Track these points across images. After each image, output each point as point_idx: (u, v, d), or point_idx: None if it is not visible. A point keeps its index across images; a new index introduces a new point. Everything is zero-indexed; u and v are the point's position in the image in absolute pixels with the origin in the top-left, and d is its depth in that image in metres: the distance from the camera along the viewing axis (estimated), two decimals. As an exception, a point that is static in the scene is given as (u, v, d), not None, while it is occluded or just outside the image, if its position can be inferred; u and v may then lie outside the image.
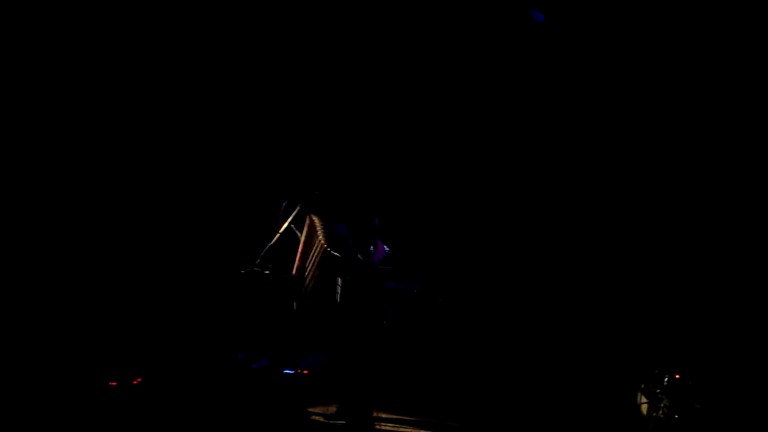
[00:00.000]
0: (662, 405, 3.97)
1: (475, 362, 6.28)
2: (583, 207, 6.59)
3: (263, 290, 4.80)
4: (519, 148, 7.04)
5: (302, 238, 5.01)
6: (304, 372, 6.10)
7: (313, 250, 4.86)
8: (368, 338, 5.09)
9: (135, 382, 3.22)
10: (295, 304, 5.27)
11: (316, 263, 4.78)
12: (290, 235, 5.26)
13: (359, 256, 4.64)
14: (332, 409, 5.29)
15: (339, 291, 4.75)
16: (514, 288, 6.80)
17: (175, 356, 4.70)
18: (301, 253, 4.98)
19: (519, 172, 7.02)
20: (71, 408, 3.77)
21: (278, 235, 4.93)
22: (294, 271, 4.97)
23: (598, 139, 6.48)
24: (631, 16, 5.83)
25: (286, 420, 5.05)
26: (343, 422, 5.01)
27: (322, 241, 4.69)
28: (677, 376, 4.21)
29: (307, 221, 4.97)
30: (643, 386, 4.33)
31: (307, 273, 4.86)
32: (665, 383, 4.13)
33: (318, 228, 4.87)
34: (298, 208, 4.93)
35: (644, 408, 4.18)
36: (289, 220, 4.92)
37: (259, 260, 4.72)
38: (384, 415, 5.21)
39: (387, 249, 4.81)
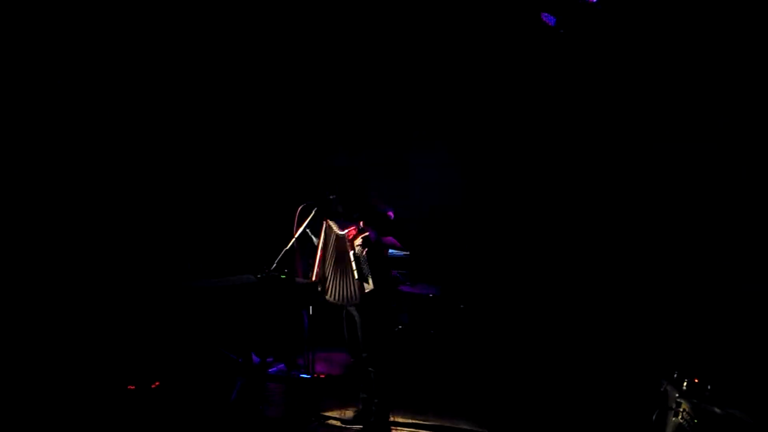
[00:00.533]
0: (681, 410, 3.94)
1: (492, 367, 6.26)
2: (604, 209, 6.55)
3: (279, 295, 4.81)
4: (534, 151, 7.02)
5: (320, 244, 5.01)
6: (321, 376, 6.12)
7: (330, 251, 4.87)
8: (385, 342, 5.09)
9: (153, 386, 3.23)
10: (311, 308, 5.29)
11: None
12: (305, 240, 5.28)
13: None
14: (348, 413, 5.29)
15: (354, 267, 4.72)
16: (531, 292, 6.78)
17: (192, 360, 4.72)
18: (320, 259, 4.98)
19: (536, 173, 7.00)
20: (89, 411, 3.80)
21: (294, 239, 4.94)
22: (314, 277, 4.97)
23: (618, 141, 6.44)
24: (640, 19, 5.80)
25: (303, 424, 5.05)
26: (360, 426, 5.01)
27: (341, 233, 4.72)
28: (696, 381, 4.17)
29: (324, 226, 4.98)
30: (661, 390, 4.29)
31: (327, 278, 4.87)
32: (684, 387, 4.09)
33: (334, 229, 4.88)
34: (313, 212, 4.93)
35: (666, 413, 4.15)
36: (305, 224, 4.92)
37: (275, 265, 4.73)
38: (401, 420, 5.21)
39: (405, 252, 4.80)
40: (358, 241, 4.69)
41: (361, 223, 4.74)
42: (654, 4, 5.67)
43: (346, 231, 4.78)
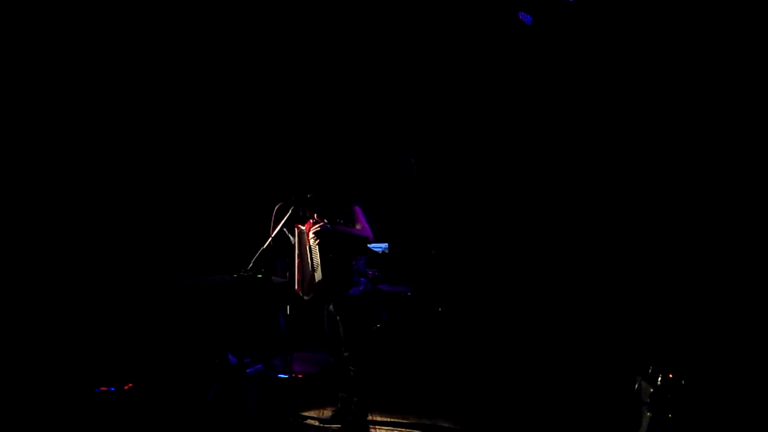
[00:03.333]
0: (655, 404, 3.97)
1: (470, 364, 6.28)
2: (578, 207, 6.61)
3: (256, 294, 4.78)
4: (508, 150, 7.06)
5: (296, 251, 4.98)
6: (299, 376, 6.10)
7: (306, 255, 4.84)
8: (364, 341, 5.09)
9: (126, 388, 3.18)
10: (288, 308, 5.26)
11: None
12: (283, 239, 5.25)
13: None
14: (327, 412, 5.27)
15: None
16: (507, 289, 6.81)
17: (168, 361, 4.67)
18: (299, 267, 4.95)
19: (510, 173, 7.05)
20: (62, 414, 3.74)
21: (270, 239, 4.91)
22: (297, 287, 4.94)
23: (593, 140, 6.50)
24: (618, 18, 5.86)
25: (280, 424, 5.03)
26: (338, 426, 4.99)
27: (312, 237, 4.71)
28: (671, 376, 4.22)
29: (296, 231, 4.95)
30: (636, 386, 4.33)
31: (306, 285, 4.84)
32: (659, 382, 4.13)
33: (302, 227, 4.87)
34: (290, 211, 4.91)
35: (641, 408, 4.19)
36: (281, 223, 4.89)
37: (251, 265, 4.69)
38: (379, 419, 5.20)
39: (383, 245, 4.76)
40: (311, 234, 4.70)
41: (315, 215, 4.71)
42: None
43: (305, 225, 4.78)
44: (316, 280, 4.77)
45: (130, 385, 3.24)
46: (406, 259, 6.82)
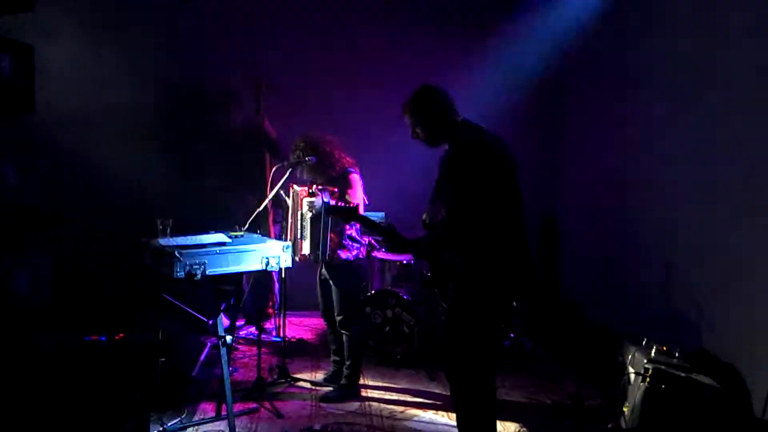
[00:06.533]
0: (649, 375, 3.99)
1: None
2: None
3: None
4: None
5: (290, 209, 4.94)
6: (292, 339, 6.10)
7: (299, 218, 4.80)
8: (356, 305, 5.08)
9: (117, 338, 3.15)
10: (283, 271, 5.23)
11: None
12: (279, 202, 5.21)
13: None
14: (319, 375, 5.29)
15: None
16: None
17: (161, 318, 4.64)
18: (291, 227, 4.91)
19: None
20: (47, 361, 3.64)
21: (267, 200, 4.87)
22: (289, 239, 4.90)
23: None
24: None
25: (273, 386, 5.04)
26: (330, 387, 5.01)
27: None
28: (664, 348, 4.24)
29: (291, 192, 4.90)
30: (630, 357, 4.35)
31: (295, 247, 4.79)
32: (653, 354, 4.15)
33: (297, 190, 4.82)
34: (287, 173, 4.85)
35: (632, 378, 4.20)
36: (278, 185, 4.85)
37: (247, 226, 4.65)
38: (371, 383, 5.22)
39: (380, 213, 4.70)
40: (305, 204, 4.64)
41: (316, 187, 4.62)
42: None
43: (301, 189, 4.73)
44: (303, 251, 4.74)
45: (122, 335, 3.22)
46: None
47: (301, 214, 4.73)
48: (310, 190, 4.61)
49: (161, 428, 4.01)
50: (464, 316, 3.46)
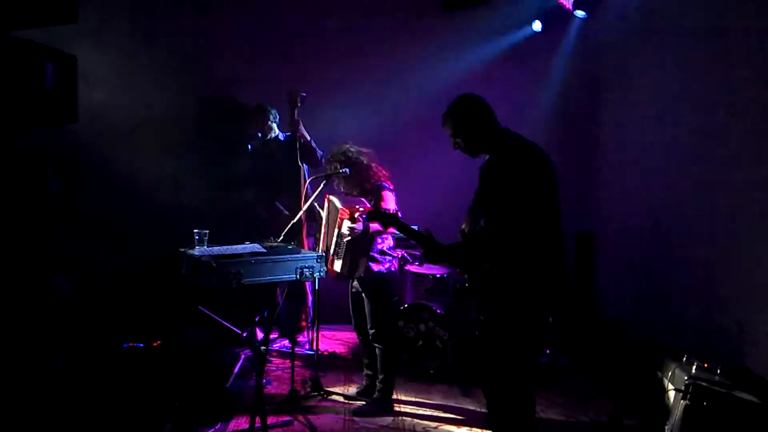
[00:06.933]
0: (690, 392, 3.89)
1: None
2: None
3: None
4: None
5: (324, 220, 4.97)
6: (325, 353, 6.10)
7: (335, 226, 4.81)
8: (388, 318, 5.05)
9: (155, 345, 3.18)
10: (317, 283, 5.24)
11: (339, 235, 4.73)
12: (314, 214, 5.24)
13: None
14: (352, 389, 5.27)
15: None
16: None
17: (196, 330, 4.68)
18: (324, 238, 4.93)
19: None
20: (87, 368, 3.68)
21: (302, 212, 4.90)
22: (321, 250, 4.92)
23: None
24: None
25: (306, 398, 5.03)
26: (363, 402, 4.97)
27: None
28: (705, 365, 4.13)
29: (326, 203, 4.93)
30: (670, 374, 4.26)
31: (331, 251, 4.81)
32: (694, 371, 4.05)
33: (335, 203, 4.83)
34: (322, 185, 4.88)
35: (672, 395, 4.11)
36: (313, 197, 4.88)
37: (282, 237, 4.68)
38: (404, 398, 5.17)
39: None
40: (345, 227, 4.62)
41: (359, 213, 4.48)
42: None
43: (342, 207, 4.72)
44: (335, 268, 4.74)
45: (159, 342, 3.25)
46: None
47: (339, 233, 4.72)
48: (354, 215, 4.53)
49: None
50: (503, 329, 3.40)
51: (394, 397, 5.03)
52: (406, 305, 5.78)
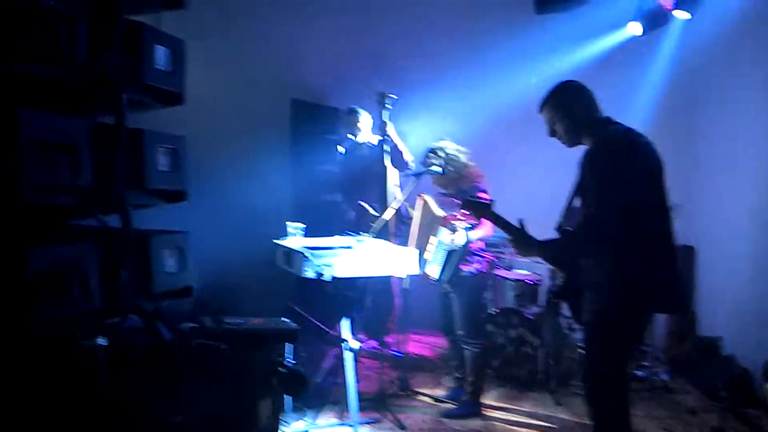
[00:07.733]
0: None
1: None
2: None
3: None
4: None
5: (417, 220, 4.92)
6: (413, 355, 6.04)
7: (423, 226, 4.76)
8: (478, 321, 4.95)
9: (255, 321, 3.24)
10: (408, 283, 5.21)
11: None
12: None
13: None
14: (440, 391, 5.19)
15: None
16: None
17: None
18: (415, 239, 4.89)
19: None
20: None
21: (392, 209, 4.89)
22: None
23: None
24: None
25: (394, 398, 4.99)
26: (451, 405, 4.89)
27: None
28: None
29: (421, 202, 4.88)
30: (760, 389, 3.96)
31: (424, 255, 4.76)
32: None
33: (431, 206, 4.77)
34: (414, 183, 4.87)
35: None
36: (405, 195, 4.87)
37: (374, 232, 4.69)
38: (493, 403, 5.04)
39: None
40: (446, 236, 4.53)
41: (461, 221, 4.41)
42: None
43: (444, 216, 4.61)
44: (428, 273, 4.66)
45: (260, 320, 3.31)
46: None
47: (439, 241, 4.64)
48: (456, 228, 4.46)
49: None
50: (605, 332, 3.17)
51: (483, 402, 4.91)
52: (496, 310, 5.65)
